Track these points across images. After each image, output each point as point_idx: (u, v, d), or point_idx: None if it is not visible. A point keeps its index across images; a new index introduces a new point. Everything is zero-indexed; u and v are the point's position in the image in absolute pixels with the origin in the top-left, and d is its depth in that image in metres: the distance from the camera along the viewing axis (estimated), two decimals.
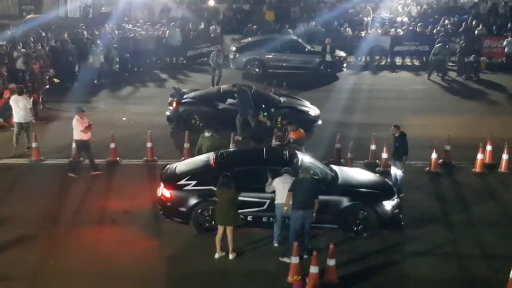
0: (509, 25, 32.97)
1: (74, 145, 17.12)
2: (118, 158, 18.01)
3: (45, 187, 16.20)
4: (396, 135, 15.94)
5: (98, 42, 28.13)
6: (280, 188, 13.01)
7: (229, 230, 12.73)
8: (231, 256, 12.81)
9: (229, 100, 18.41)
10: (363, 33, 33.14)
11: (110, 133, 18.20)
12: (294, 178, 12.99)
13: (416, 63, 32.37)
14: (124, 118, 21.75)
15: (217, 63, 26.56)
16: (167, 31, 30.91)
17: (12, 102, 18.89)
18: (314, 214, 12.74)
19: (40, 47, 25.58)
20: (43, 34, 28.69)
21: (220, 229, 12.79)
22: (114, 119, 21.58)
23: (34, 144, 18.03)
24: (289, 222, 12.97)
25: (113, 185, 16.43)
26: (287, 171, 13.21)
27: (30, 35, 28.00)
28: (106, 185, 16.44)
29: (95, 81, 26.71)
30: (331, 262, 11.73)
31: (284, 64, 28.97)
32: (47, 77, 23.52)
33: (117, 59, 28.64)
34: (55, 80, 24.54)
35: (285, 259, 12.46)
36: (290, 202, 12.71)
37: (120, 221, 14.41)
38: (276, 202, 13.17)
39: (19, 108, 18.62)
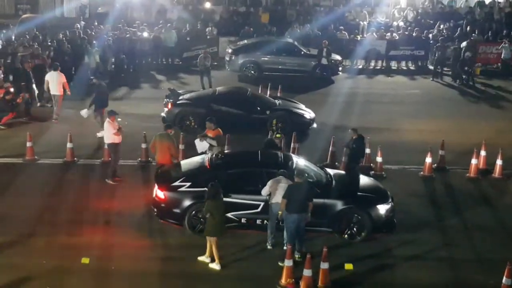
0: (504, 31, 33.06)
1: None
2: None
3: (39, 187, 16.16)
4: (354, 137, 16.17)
5: (94, 42, 28.11)
6: (275, 188, 13.01)
7: (212, 241, 12.57)
8: (215, 266, 12.55)
9: None
10: (359, 37, 33.19)
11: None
12: (289, 180, 13.00)
13: (412, 67, 32.44)
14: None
15: (205, 66, 26.45)
16: (163, 32, 30.91)
17: (48, 77, 21.64)
18: (308, 215, 12.76)
19: (36, 46, 25.52)
20: (38, 34, 28.60)
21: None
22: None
23: (28, 144, 17.98)
24: (282, 224, 13.00)
25: (107, 185, 16.38)
26: (283, 173, 13.22)
27: (26, 35, 27.98)
28: (101, 185, 16.40)
29: (91, 81, 26.61)
30: (325, 266, 11.73)
31: (279, 67, 28.92)
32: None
33: (113, 59, 28.60)
34: None
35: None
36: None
37: (114, 221, 14.39)
38: (271, 201, 13.16)
39: (54, 82, 21.36)
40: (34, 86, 23.04)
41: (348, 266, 12.51)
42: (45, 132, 20.38)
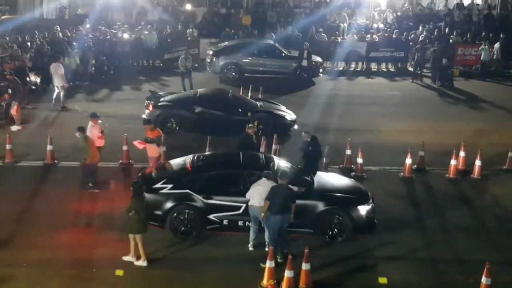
0: (483, 33, 33.42)
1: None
2: None
3: (19, 190, 16.00)
4: (308, 140, 16.24)
5: (74, 43, 27.96)
6: (254, 190, 13.04)
7: (135, 238, 12.61)
8: (141, 263, 12.64)
9: None
10: (339, 39, 33.34)
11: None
12: (271, 182, 13.00)
13: (392, 69, 32.68)
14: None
15: (186, 67, 26.45)
16: (144, 33, 30.84)
17: (52, 68, 23.37)
18: (291, 216, 12.79)
19: (16, 47, 25.33)
20: (18, 36, 28.40)
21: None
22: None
23: (7, 146, 17.84)
24: (263, 226, 13.03)
25: (88, 187, 16.27)
26: (267, 174, 13.20)
27: (5, 36, 27.78)
28: (81, 187, 16.29)
29: (71, 83, 26.46)
30: (306, 267, 11.77)
31: (260, 69, 28.95)
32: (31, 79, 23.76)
33: (93, 61, 28.47)
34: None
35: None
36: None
37: (95, 224, 14.34)
38: (249, 204, 13.17)
39: (57, 73, 23.13)
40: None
41: (382, 280, 12.38)
42: (25, 134, 20.21)
